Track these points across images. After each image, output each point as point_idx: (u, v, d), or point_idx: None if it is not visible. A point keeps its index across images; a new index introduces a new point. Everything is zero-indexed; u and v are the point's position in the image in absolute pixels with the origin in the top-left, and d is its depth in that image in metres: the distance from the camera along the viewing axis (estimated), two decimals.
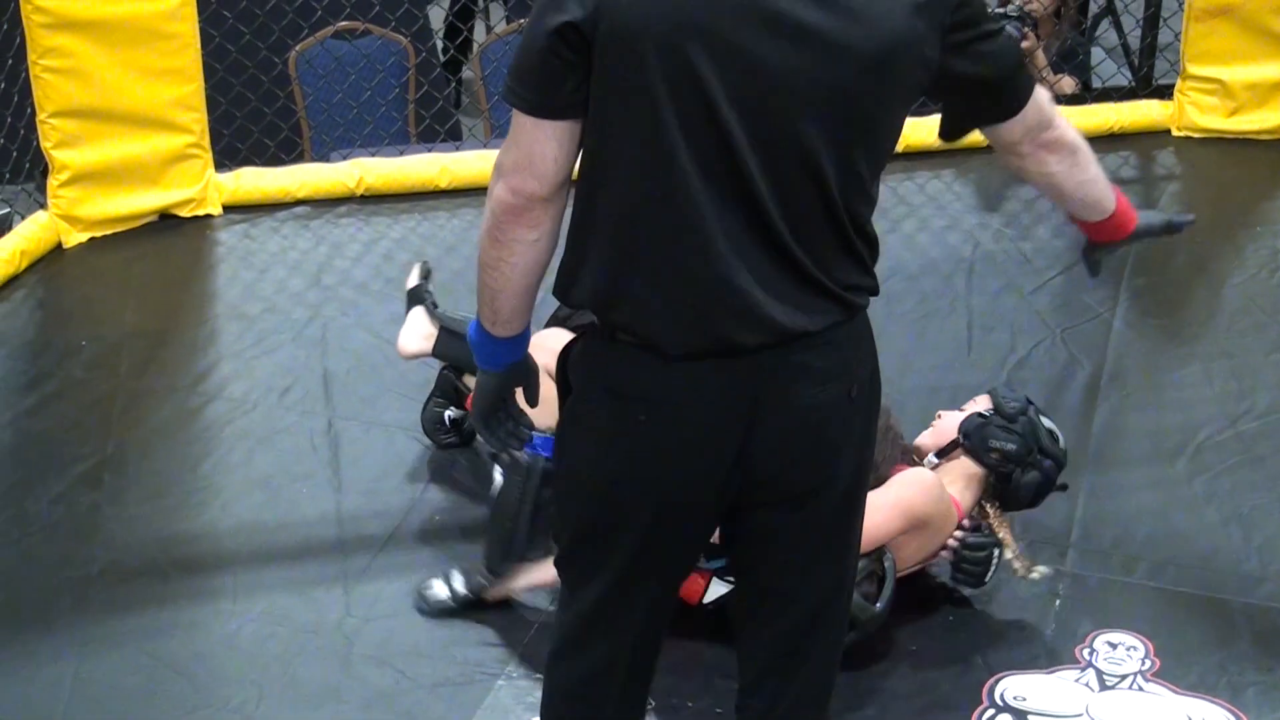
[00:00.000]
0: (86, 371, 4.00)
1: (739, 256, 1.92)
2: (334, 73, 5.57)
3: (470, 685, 2.86)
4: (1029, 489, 3.00)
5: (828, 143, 1.91)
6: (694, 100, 1.86)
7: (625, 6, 1.84)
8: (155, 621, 3.06)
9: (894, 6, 1.91)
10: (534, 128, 1.92)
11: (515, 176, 1.94)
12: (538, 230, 1.98)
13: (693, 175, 1.89)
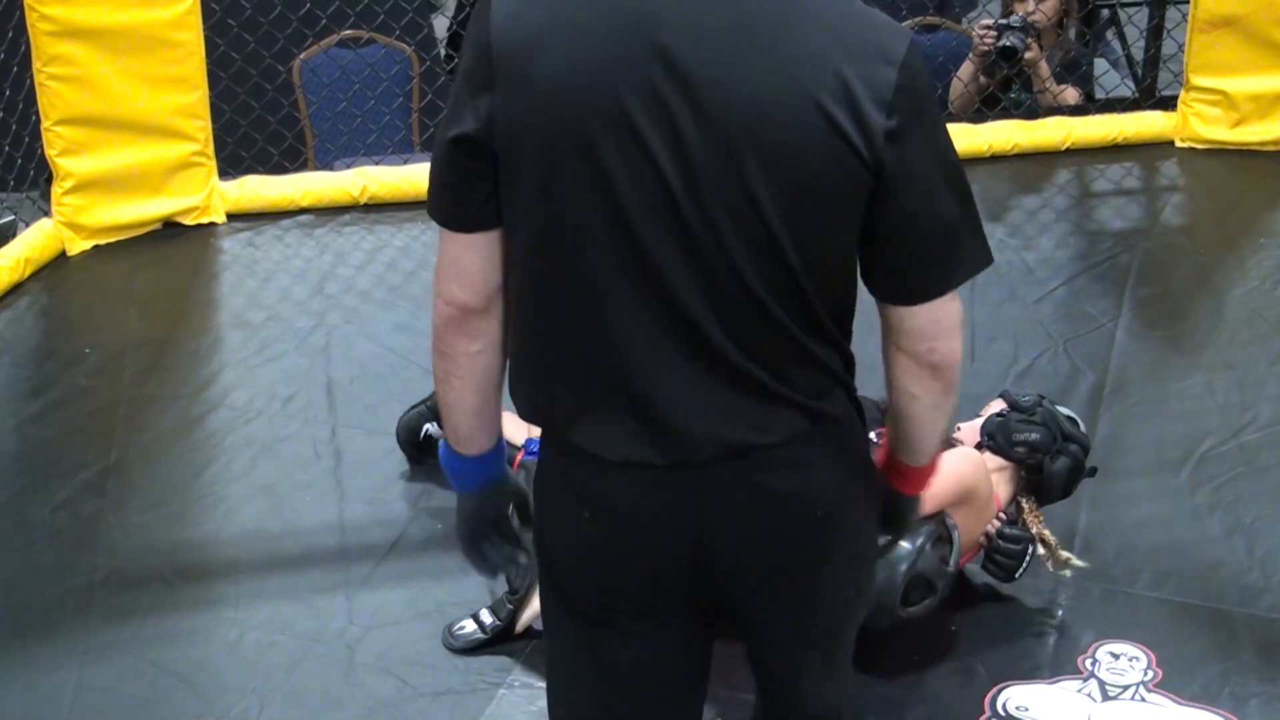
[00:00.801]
0: (90, 379, 4.01)
1: (667, 368, 1.81)
2: (338, 81, 5.57)
3: (472, 694, 2.86)
4: (1060, 476, 3.02)
5: (752, 240, 1.76)
6: (602, 201, 1.75)
7: (520, 108, 1.75)
8: (158, 629, 3.06)
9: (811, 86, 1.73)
10: (453, 239, 1.87)
11: (447, 288, 1.89)
12: (479, 341, 1.91)
13: (611, 283, 1.79)
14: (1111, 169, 5.40)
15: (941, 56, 5.68)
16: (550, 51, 1.73)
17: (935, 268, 1.83)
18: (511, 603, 2.96)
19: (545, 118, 1.74)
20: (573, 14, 1.74)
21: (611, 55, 1.71)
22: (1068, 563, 2.99)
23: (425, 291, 4.44)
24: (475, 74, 1.77)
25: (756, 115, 1.70)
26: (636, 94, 1.71)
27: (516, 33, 1.75)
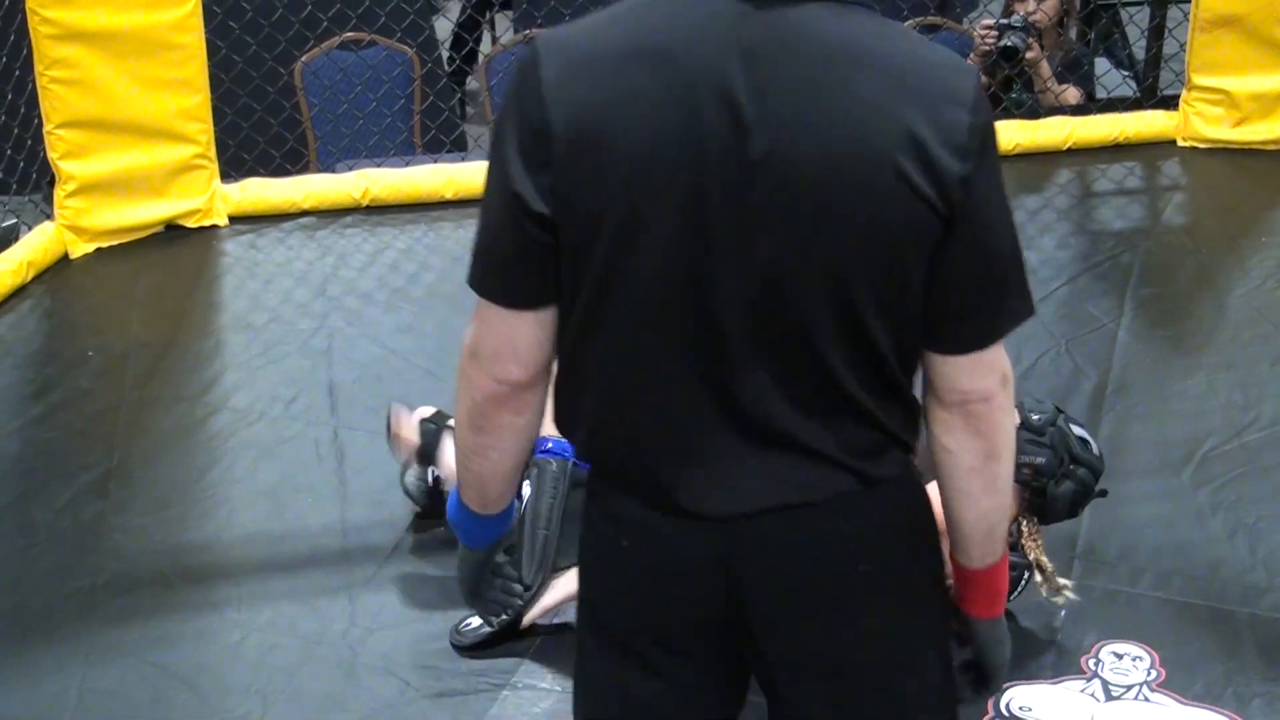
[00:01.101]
0: (92, 381, 4.01)
1: (711, 423, 1.74)
2: (339, 83, 5.58)
3: (475, 695, 2.86)
4: (1064, 500, 2.96)
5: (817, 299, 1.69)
6: (670, 264, 1.69)
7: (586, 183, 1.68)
8: (160, 631, 3.06)
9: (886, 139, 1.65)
10: (506, 316, 1.78)
11: (497, 365, 1.80)
12: (525, 414, 1.84)
13: (663, 336, 1.72)
14: (1113, 168, 5.40)
15: None
16: (615, 129, 1.65)
17: (986, 316, 1.76)
18: (521, 597, 2.96)
19: (613, 190, 1.67)
20: (634, 80, 1.66)
21: (679, 123, 1.64)
22: (1061, 590, 2.96)
23: (427, 294, 4.46)
24: (531, 150, 1.68)
25: (827, 175, 1.64)
26: (708, 162, 1.64)
27: (576, 105, 1.66)
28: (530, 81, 1.69)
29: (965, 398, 1.77)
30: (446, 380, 4.01)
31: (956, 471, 1.81)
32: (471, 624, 2.99)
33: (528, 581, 2.97)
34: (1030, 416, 2.97)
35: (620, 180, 1.66)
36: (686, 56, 1.65)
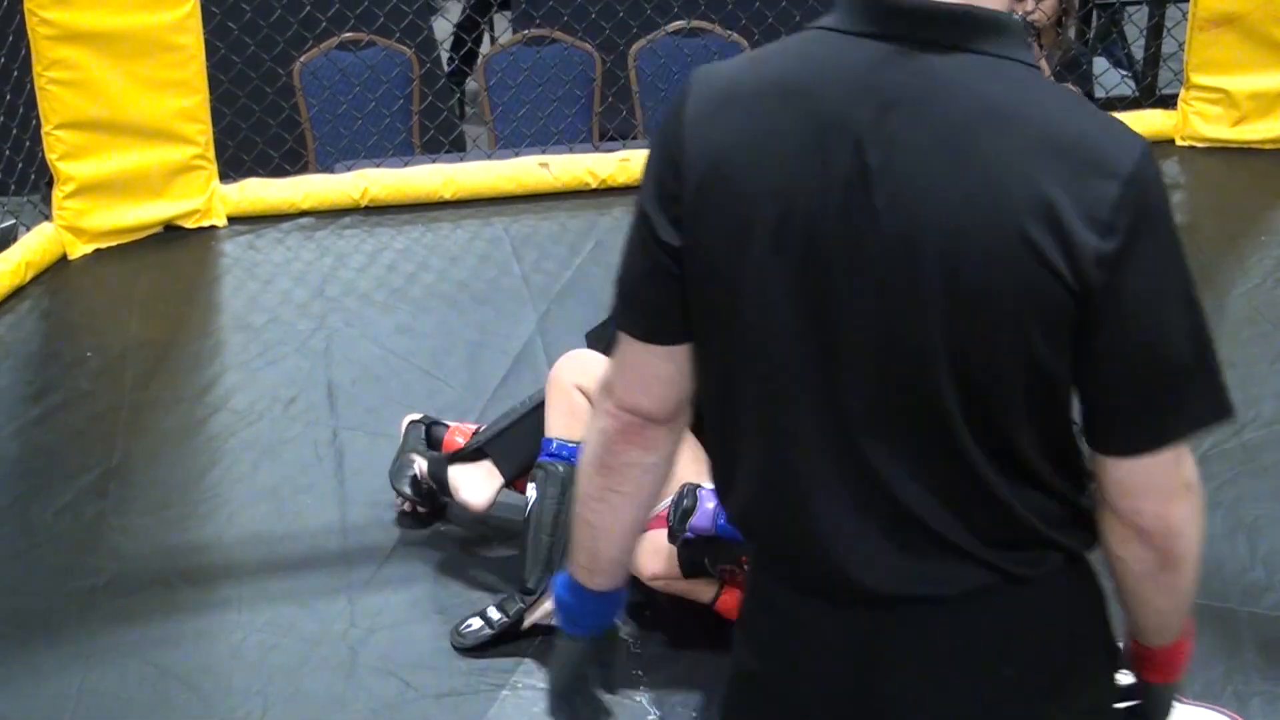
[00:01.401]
0: (91, 382, 4.01)
1: (838, 503, 1.64)
2: (338, 84, 5.59)
3: (475, 696, 2.86)
4: None
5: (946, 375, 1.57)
6: (787, 320, 1.61)
7: (710, 220, 1.62)
8: (161, 632, 3.06)
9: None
10: (643, 349, 1.72)
11: (630, 397, 1.74)
12: (655, 453, 1.78)
13: (789, 406, 1.64)
14: None
15: None
16: (744, 164, 1.60)
17: (1152, 416, 1.59)
18: (522, 601, 2.96)
19: (736, 232, 1.61)
20: (769, 121, 1.60)
21: (806, 170, 1.57)
22: None
23: (426, 294, 4.47)
24: (665, 182, 1.66)
25: (947, 237, 1.53)
26: (830, 211, 1.57)
27: (709, 142, 1.62)
28: (675, 114, 1.66)
29: (1135, 505, 1.62)
30: (445, 380, 4.05)
31: (1128, 577, 1.68)
32: (472, 625, 2.99)
33: (530, 585, 2.97)
34: None
35: (742, 218, 1.60)
36: (821, 95, 1.58)
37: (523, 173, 5.15)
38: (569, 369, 3.07)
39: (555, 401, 3.06)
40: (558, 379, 3.07)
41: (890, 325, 1.57)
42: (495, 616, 2.99)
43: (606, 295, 4.21)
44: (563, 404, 3.04)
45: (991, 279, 1.53)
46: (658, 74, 5.91)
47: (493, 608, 3.01)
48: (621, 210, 5.04)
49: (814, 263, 1.58)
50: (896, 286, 1.56)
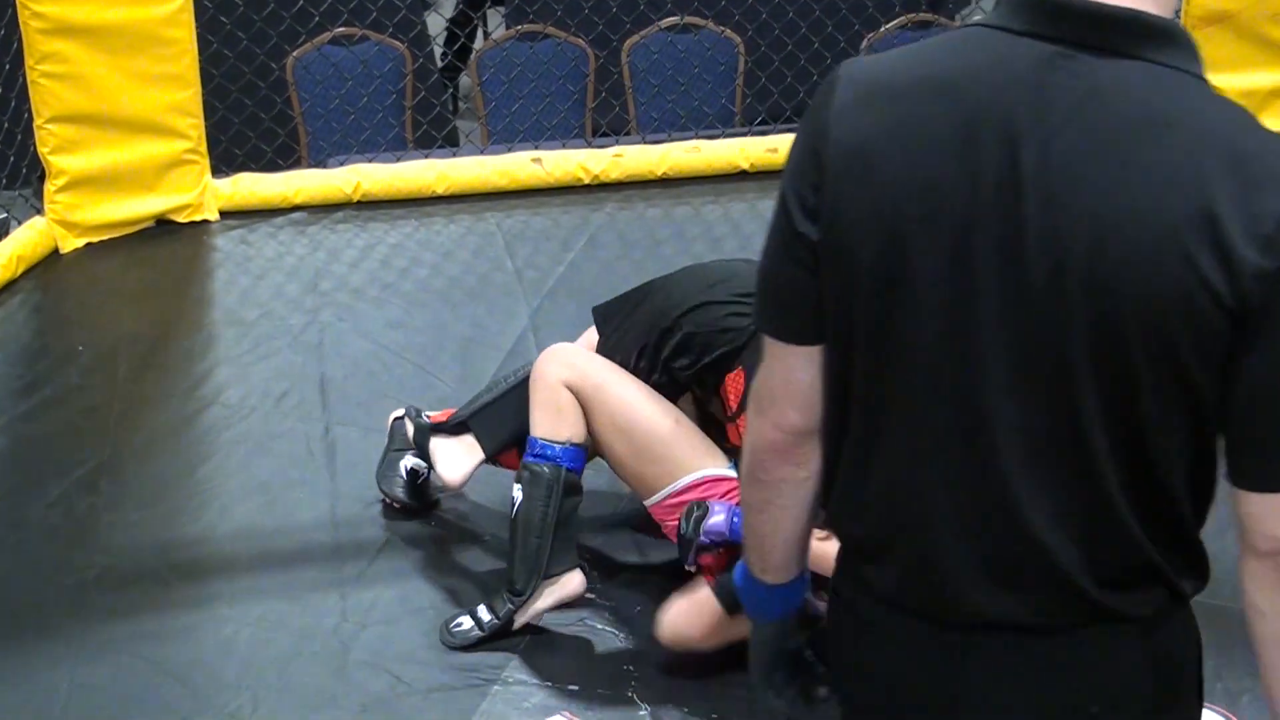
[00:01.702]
0: (83, 377, 4.00)
1: (956, 519, 1.61)
2: (331, 79, 5.58)
3: (466, 691, 2.86)
4: None
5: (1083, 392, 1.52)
6: (923, 321, 1.57)
7: (850, 214, 1.58)
8: (152, 626, 3.06)
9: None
10: (785, 354, 1.68)
11: (776, 409, 1.70)
12: (806, 467, 1.73)
13: (916, 413, 1.60)
14: None
15: None
16: (889, 156, 1.56)
17: None
18: (513, 602, 2.96)
19: (876, 226, 1.57)
20: (919, 115, 1.56)
21: (954, 166, 1.53)
22: None
23: (418, 289, 4.47)
24: (806, 172, 1.62)
25: (1100, 245, 1.48)
26: (978, 211, 1.52)
27: (854, 132, 1.58)
28: (822, 105, 1.62)
29: (1272, 542, 1.55)
30: (437, 375, 4.05)
31: (1269, 639, 1.61)
32: (462, 625, 2.99)
33: (519, 588, 2.96)
34: None
35: (883, 213, 1.56)
36: (977, 92, 1.54)
37: (516, 168, 5.15)
38: (555, 365, 3.03)
39: (541, 399, 3.01)
40: (543, 376, 3.02)
41: (1033, 336, 1.52)
42: (485, 618, 2.98)
43: (599, 290, 4.23)
44: (548, 402, 2.99)
45: (1142, 292, 1.47)
46: (651, 69, 5.91)
47: (483, 607, 3.00)
48: (614, 205, 5.04)
49: (956, 266, 1.54)
50: (1041, 294, 1.50)
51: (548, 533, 2.93)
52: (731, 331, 2.97)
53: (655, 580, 3.11)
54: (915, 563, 1.64)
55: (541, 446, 2.97)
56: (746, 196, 5.13)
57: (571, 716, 2.78)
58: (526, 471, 2.96)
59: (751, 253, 4.80)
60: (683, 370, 3.03)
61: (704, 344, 3.00)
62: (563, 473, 2.93)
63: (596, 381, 2.98)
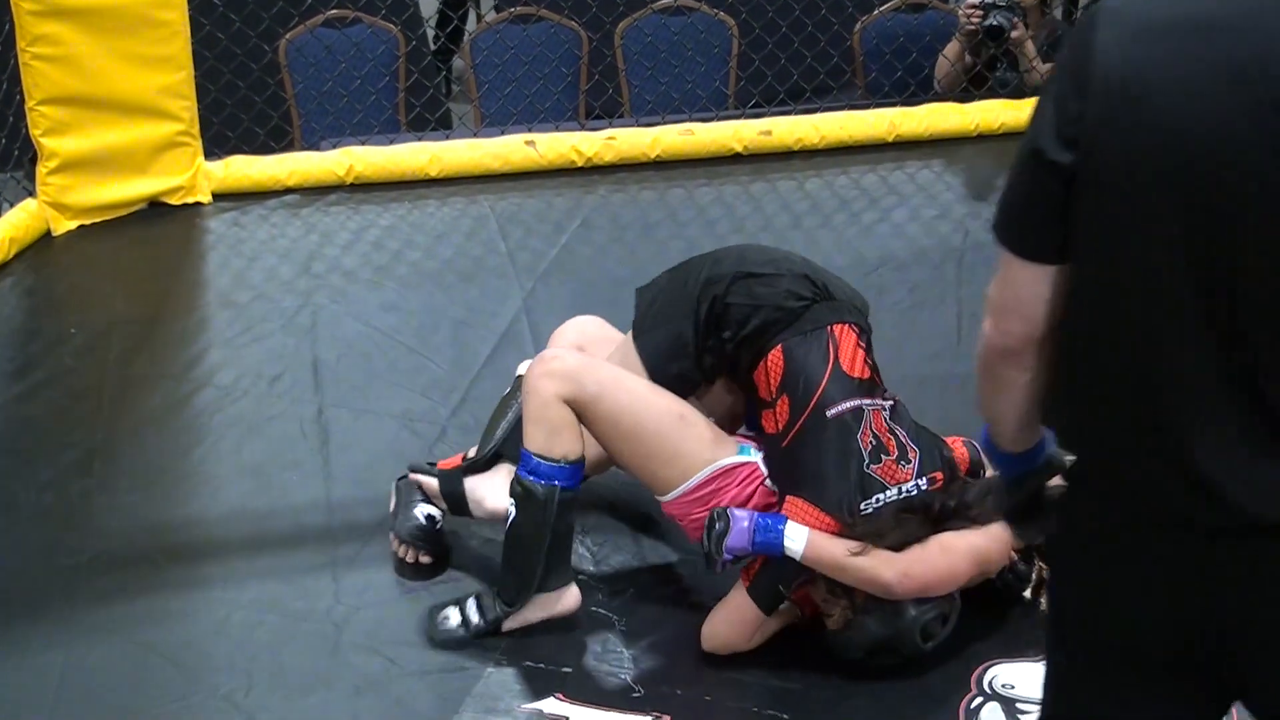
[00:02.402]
0: (76, 359, 4.00)
1: (1222, 433, 1.70)
2: (324, 61, 5.56)
3: (459, 673, 2.87)
4: None
5: None
6: (1182, 251, 1.66)
7: (1112, 143, 1.68)
8: (145, 609, 3.06)
9: None
10: (1020, 269, 1.80)
11: (1003, 318, 1.83)
12: (1028, 373, 1.85)
13: (1174, 336, 1.69)
14: None
15: (928, 36, 5.69)
16: (1159, 90, 1.64)
17: None
18: (502, 611, 2.93)
19: (1138, 157, 1.66)
20: (1187, 51, 1.64)
21: (1221, 107, 1.61)
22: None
23: (411, 272, 4.46)
24: (1066, 105, 1.71)
25: None
26: (1242, 149, 1.61)
27: (1122, 65, 1.66)
28: (1081, 41, 1.70)
29: None
30: (430, 358, 4.05)
31: None
32: (449, 620, 2.96)
33: (509, 598, 2.92)
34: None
35: (1144, 146, 1.65)
36: (1246, 34, 1.61)
37: (509, 151, 5.13)
38: (547, 380, 2.90)
39: (535, 413, 2.88)
40: (536, 390, 2.89)
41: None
42: (474, 619, 2.95)
43: (592, 273, 4.24)
44: (542, 418, 2.87)
45: None
46: (644, 52, 5.90)
47: (472, 605, 2.96)
48: (607, 188, 5.03)
49: (1217, 196, 1.62)
50: None
51: (541, 551, 2.87)
52: (768, 307, 2.98)
53: (649, 564, 3.12)
54: (1179, 481, 1.71)
55: (536, 464, 2.87)
56: (740, 179, 5.12)
57: (565, 699, 2.79)
58: (519, 487, 2.88)
59: (745, 235, 4.84)
60: (727, 343, 2.99)
61: (744, 316, 2.98)
62: (557, 491, 2.85)
63: (594, 391, 2.87)
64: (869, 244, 4.66)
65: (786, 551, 2.76)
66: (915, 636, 2.78)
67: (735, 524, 2.78)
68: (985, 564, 2.87)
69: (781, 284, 3.01)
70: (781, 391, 2.91)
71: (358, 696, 2.82)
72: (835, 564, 2.76)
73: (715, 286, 3.03)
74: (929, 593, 2.78)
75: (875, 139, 5.36)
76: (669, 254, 4.59)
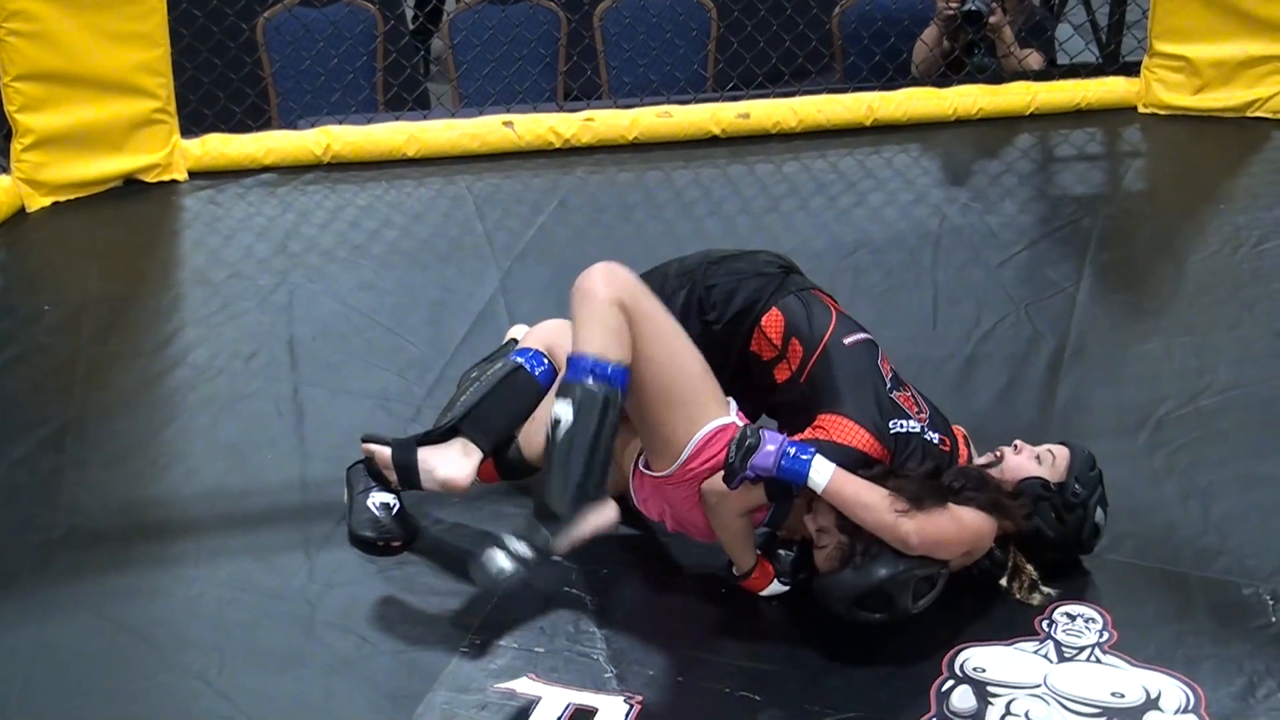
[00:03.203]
0: (49, 336, 3.98)
1: None
2: (302, 39, 5.55)
3: (433, 652, 2.87)
4: (1048, 554, 3.03)
5: None
6: None
7: None
8: (117, 586, 3.05)
9: None
10: None
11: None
12: None
13: None
14: (1075, 134, 5.42)
15: (906, 20, 5.70)
16: None
17: None
18: (551, 529, 2.75)
19: None
20: None
21: None
22: (1044, 593, 3.00)
23: (388, 251, 4.46)
24: None
25: None
26: None
27: None
28: None
29: None
30: (407, 337, 4.05)
31: None
32: (495, 559, 2.76)
33: (561, 511, 2.77)
34: (1069, 490, 3.00)
35: None
36: None
37: (486, 131, 5.13)
38: (609, 283, 2.87)
39: (594, 314, 2.83)
40: (594, 291, 2.85)
41: None
42: (525, 552, 2.77)
43: (569, 254, 4.23)
44: (602, 319, 2.83)
45: None
46: (622, 34, 5.89)
47: (513, 541, 2.78)
48: (585, 170, 5.03)
49: None
50: None
51: (600, 457, 2.78)
52: (749, 278, 3.05)
53: (622, 546, 3.12)
54: None
55: (596, 364, 2.80)
56: (717, 162, 5.12)
57: (537, 679, 2.79)
58: (579, 389, 2.77)
59: (722, 217, 4.83)
60: (715, 324, 3.03)
61: (727, 293, 3.05)
62: (618, 394, 2.79)
63: (646, 309, 2.88)
64: (846, 228, 4.66)
65: (810, 484, 2.78)
66: (908, 591, 2.79)
67: (764, 444, 2.78)
68: (978, 544, 2.89)
69: (756, 257, 3.13)
70: (789, 337, 2.99)
71: (331, 675, 2.82)
72: (857, 502, 2.79)
73: (690, 276, 3.07)
74: (935, 552, 2.81)
75: (853, 123, 5.37)
76: (646, 235, 4.61)
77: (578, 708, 2.71)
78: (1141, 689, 2.76)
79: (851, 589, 2.80)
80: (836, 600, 2.83)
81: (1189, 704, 2.73)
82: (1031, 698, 2.74)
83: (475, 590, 2.97)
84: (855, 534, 2.80)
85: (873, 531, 2.78)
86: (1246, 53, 5.44)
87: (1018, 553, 3.00)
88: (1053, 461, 3.05)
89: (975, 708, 2.72)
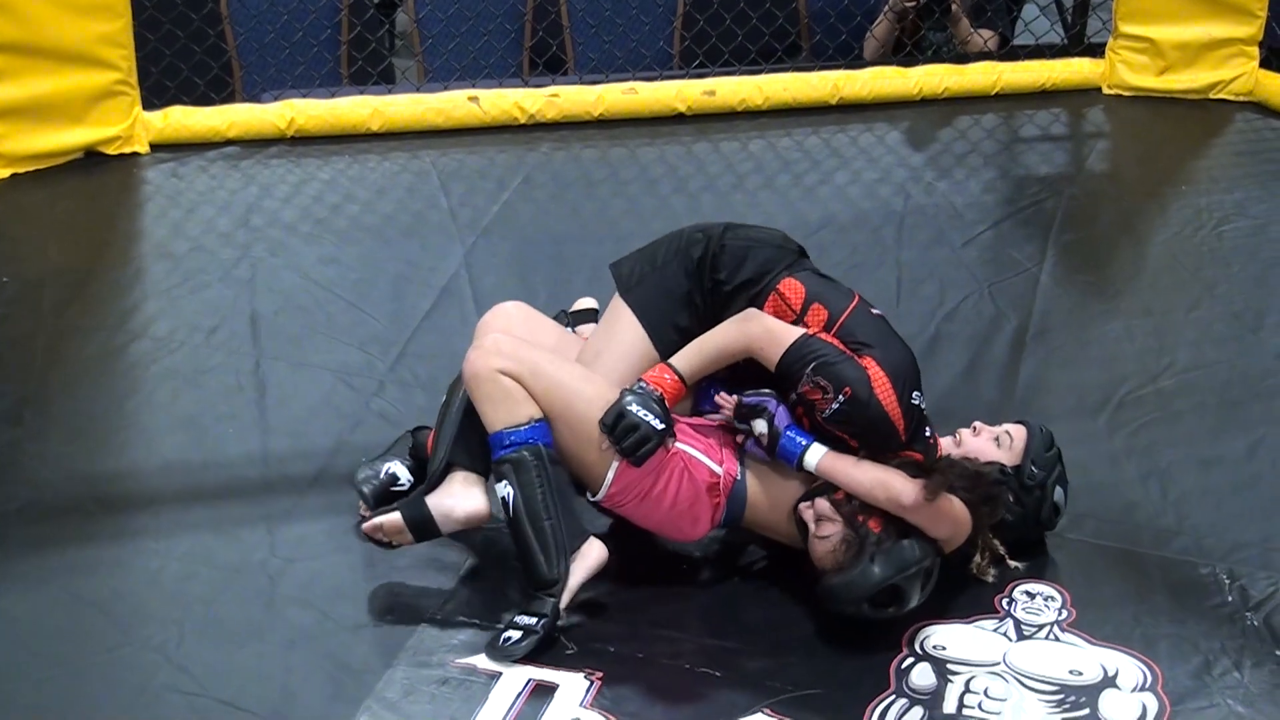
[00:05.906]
0: (8, 308, 3.95)
1: None
2: (266, 12, 5.52)
3: (394, 627, 2.86)
4: (1011, 535, 3.04)
5: None
6: None
7: None
8: (77, 560, 3.04)
9: None
10: None
11: None
12: None
13: None
14: (1039, 115, 5.44)
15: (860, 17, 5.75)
16: None
17: None
18: (551, 594, 2.83)
19: None
20: None
21: None
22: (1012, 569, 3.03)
23: (350, 225, 4.44)
24: None
25: None
26: None
27: None
28: None
29: None
30: (369, 312, 4.04)
31: None
32: (511, 638, 2.80)
33: (551, 575, 2.83)
34: (1025, 472, 3.03)
35: None
36: None
37: (451, 106, 5.11)
38: (487, 358, 2.91)
39: (484, 393, 2.89)
40: (479, 372, 2.90)
41: None
42: (533, 623, 2.82)
43: (533, 230, 4.20)
44: (495, 394, 2.88)
45: None
46: (589, 10, 5.88)
47: (520, 617, 2.83)
48: (550, 145, 5.02)
49: None
50: None
51: (555, 510, 2.85)
52: (764, 247, 3.10)
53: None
54: None
55: (511, 435, 2.87)
56: (682, 139, 5.12)
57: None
58: (506, 465, 2.86)
59: (688, 195, 4.83)
60: (724, 284, 3.06)
61: (739, 257, 3.08)
62: (543, 449, 2.86)
63: (530, 366, 2.91)
64: (811, 206, 4.67)
65: (804, 465, 2.87)
66: (917, 584, 2.80)
67: (772, 424, 2.89)
68: (959, 532, 2.90)
69: (775, 233, 3.17)
70: (811, 302, 3.02)
71: (291, 649, 2.81)
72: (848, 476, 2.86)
73: (706, 234, 3.12)
74: (931, 529, 2.82)
75: (819, 101, 5.38)
76: (610, 212, 4.60)
77: (538, 683, 2.71)
78: (1099, 667, 2.78)
79: (865, 589, 2.80)
80: (848, 602, 2.83)
81: (1146, 682, 2.75)
82: (991, 675, 2.76)
83: (437, 567, 2.99)
84: (858, 525, 2.81)
85: (870, 490, 2.81)
86: (1210, 35, 5.47)
87: (985, 530, 3.01)
88: (1010, 444, 3.06)
89: (935, 685, 2.73)
